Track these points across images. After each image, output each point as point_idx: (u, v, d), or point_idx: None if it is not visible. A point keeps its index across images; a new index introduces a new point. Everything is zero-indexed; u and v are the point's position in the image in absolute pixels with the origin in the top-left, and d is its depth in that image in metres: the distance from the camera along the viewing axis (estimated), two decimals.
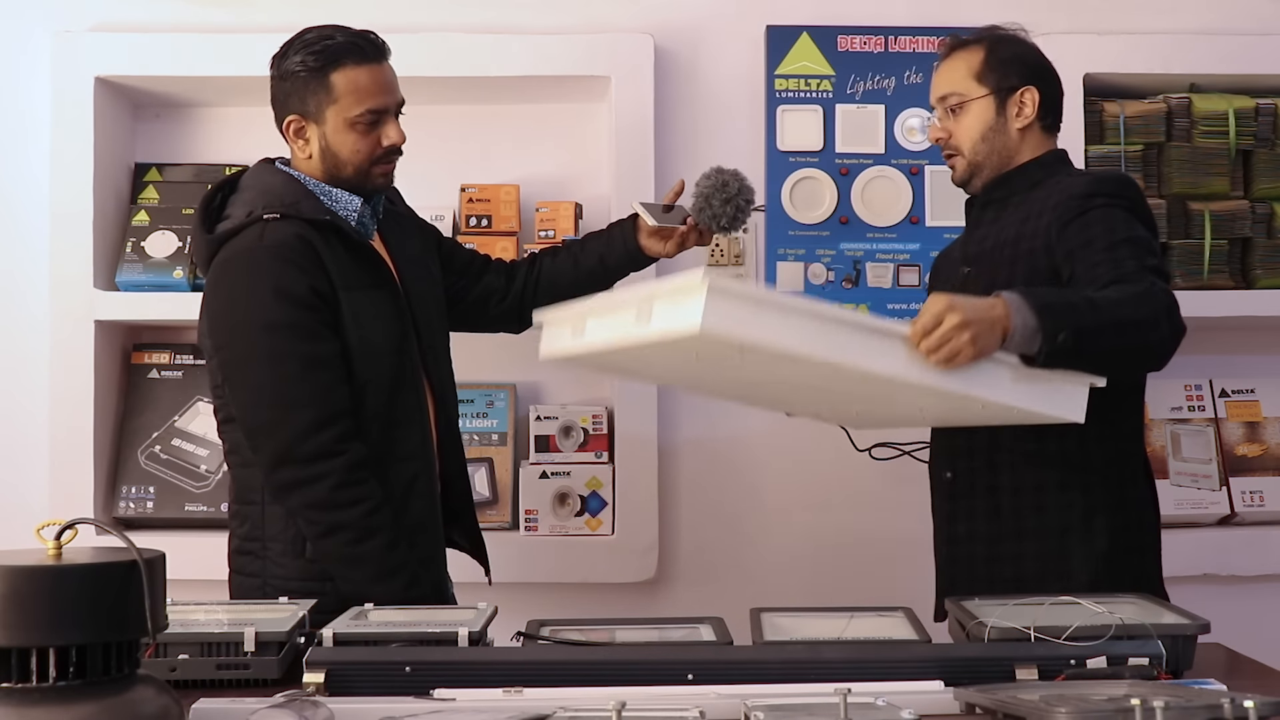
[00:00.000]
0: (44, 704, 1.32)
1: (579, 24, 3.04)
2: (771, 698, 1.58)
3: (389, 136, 2.25)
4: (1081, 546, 2.22)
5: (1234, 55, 3.07)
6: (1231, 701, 1.43)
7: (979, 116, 2.32)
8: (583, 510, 2.98)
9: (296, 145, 2.26)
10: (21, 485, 2.98)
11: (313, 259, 2.15)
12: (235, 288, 2.17)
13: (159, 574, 1.42)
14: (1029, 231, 2.25)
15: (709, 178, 2.43)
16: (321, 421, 2.12)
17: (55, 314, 2.94)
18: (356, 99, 2.21)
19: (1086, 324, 1.94)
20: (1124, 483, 2.27)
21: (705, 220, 2.43)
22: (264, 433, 2.15)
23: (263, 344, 2.14)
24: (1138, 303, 2.01)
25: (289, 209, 2.18)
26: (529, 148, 3.13)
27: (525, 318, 2.54)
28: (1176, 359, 3.13)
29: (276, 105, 2.27)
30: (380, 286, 2.24)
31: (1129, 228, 2.15)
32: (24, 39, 3.03)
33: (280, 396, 2.13)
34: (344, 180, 2.26)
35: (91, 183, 2.94)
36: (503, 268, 2.57)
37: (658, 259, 2.54)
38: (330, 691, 1.68)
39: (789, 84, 3.03)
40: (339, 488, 2.12)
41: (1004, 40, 2.35)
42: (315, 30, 2.25)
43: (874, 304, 3.02)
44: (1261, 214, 3.09)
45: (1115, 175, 2.28)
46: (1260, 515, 3.11)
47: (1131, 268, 2.08)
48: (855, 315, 1.87)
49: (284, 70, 2.24)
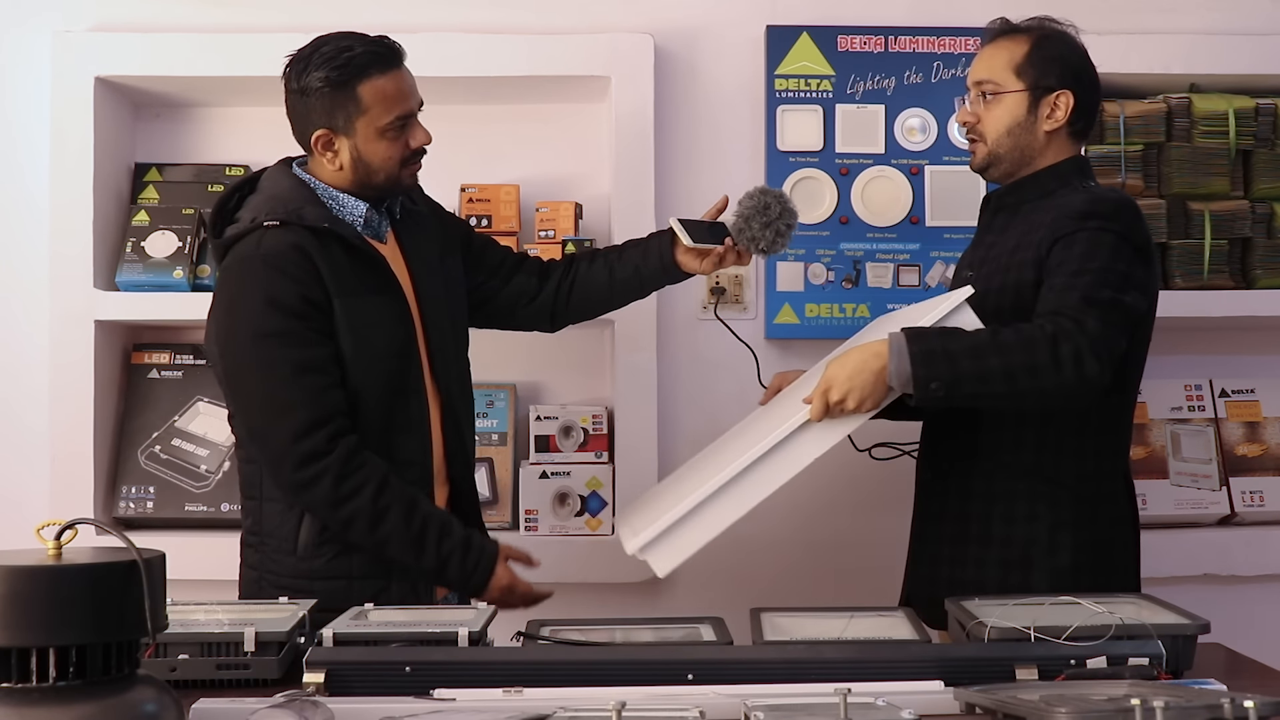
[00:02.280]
0: (44, 704, 1.32)
1: (579, 24, 3.04)
2: (771, 698, 1.58)
3: (417, 138, 2.28)
4: (1044, 559, 2.21)
5: (1234, 55, 3.07)
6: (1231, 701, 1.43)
7: (1010, 110, 2.31)
8: (583, 510, 2.98)
9: (325, 158, 2.26)
10: (21, 485, 2.98)
11: (306, 268, 2.16)
12: (231, 296, 2.20)
13: (159, 574, 1.42)
14: (1026, 244, 2.25)
15: (751, 198, 2.41)
16: (314, 423, 2.13)
17: (55, 314, 2.94)
18: (385, 108, 2.22)
19: (964, 372, 2.03)
20: (1098, 499, 2.26)
21: (744, 242, 2.41)
22: (260, 438, 2.18)
23: (255, 352, 2.15)
24: (1030, 348, 2.04)
25: (290, 215, 2.19)
26: (529, 148, 3.13)
27: (557, 321, 2.57)
28: (1177, 359, 3.18)
29: (298, 120, 2.27)
30: (383, 291, 2.24)
31: (1107, 256, 2.14)
32: (24, 39, 3.03)
33: (272, 402, 2.15)
34: (375, 186, 2.28)
35: (91, 183, 2.94)
36: (536, 268, 2.55)
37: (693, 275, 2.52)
38: (330, 691, 1.68)
39: (789, 84, 3.03)
40: (340, 481, 2.13)
41: (1051, 37, 2.32)
42: (330, 42, 2.24)
43: (874, 304, 3.01)
44: (1261, 214, 3.09)
45: (1114, 198, 2.24)
46: (1260, 515, 3.11)
47: (1073, 301, 2.09)
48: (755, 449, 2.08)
49: (305, 86, 2.23)
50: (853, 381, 2.05)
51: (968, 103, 2.38)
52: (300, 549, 2.19)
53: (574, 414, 3.01)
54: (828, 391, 2.06)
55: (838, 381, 2.06)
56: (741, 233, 2.41)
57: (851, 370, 2.06)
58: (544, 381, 3.13)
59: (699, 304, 3.04)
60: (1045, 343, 2.04)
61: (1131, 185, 3.05)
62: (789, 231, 2.41)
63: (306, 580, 2.18)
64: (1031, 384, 2.05)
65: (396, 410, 2.24)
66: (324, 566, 2.19)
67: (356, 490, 2.13)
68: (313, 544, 2.19)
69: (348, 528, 2.16)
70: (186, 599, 1.96)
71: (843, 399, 2.06)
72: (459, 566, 2.18)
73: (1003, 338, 2.06)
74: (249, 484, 2.27)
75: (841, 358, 2.10)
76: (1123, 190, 2.36)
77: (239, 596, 2.27)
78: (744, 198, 2.42)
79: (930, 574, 2.35)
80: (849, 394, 2.05)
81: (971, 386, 2.04)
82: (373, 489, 2.14)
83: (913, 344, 2.04)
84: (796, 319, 3.03)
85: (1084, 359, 2.03)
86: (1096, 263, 2.13)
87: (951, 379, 2.03)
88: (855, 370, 2.06)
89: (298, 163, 2.33)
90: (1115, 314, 2.09)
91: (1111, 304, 2.09)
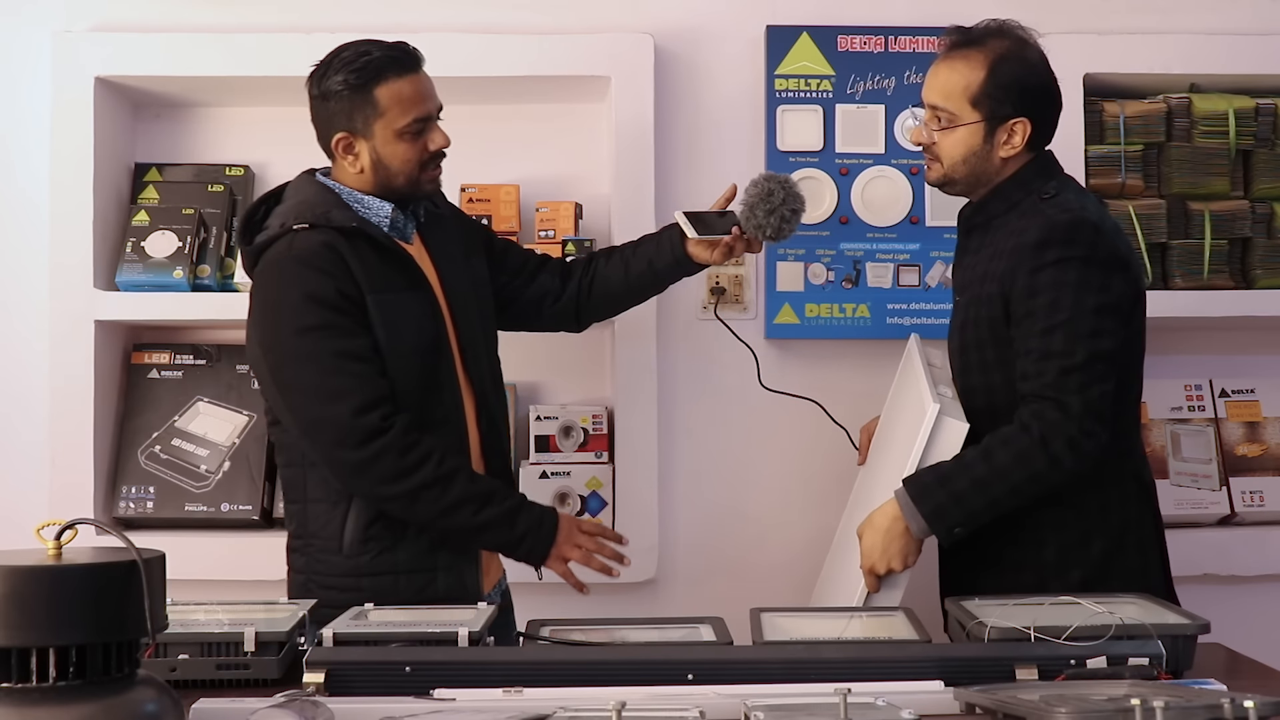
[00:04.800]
0: (44, 704, 1.33)
1: (579, 24, 3.03)
2: (771, 698, 1.58)
3: (435, 141, 2.32)
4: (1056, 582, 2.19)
5: (1234, 55, 3.07)
6: (1231, 701, 1.43)
7: (964, 141, 2.30)
8: (583, 510, 2.98)
9: (346, 161, 2.31)
10: (21, 485, 2.98)
11: (338, 264, 2.21)
12: (268, 298, 2.25)
13: (159, 574, 1.42)
14: (993, 272, 2.26)
15: (756, 185, 2.43)
16: (367, 404, 2.17)
17: (55, 314, 2.93)
18: (402, 110, 2.27)
19: (976, 509, 2.17)
20: (1106, 508, 2.25)
21: (751, 230, 2.44)
22: (316, 427, 2.20)
23: (300, 346, 2.20)
24: (1025, 460, 2.14)
25: (318, 218, 2.24)
26: (529, 148, 3.13)
27: (582, 319, 2.61)
28: (1177, 359, 3.18)
29: (320, 124, 2.32)
30: (413, 288, 2.28)
31: (1072, 299, 2.15)
32: (24, 39, 3.03)
33: (324, 390, 2.18)
34: (395, 189, 2.32)
35: (91, 183, 2.93)
36: (559, 268, 2.60)
37: (707, 266, 2.54)
38: (330, 691, 1.68)
39: (789, 84, 3.03)
40: (403, 453, 2.17)
41: (1008, 58, 2.27)
42: (350, 48, 2.30)
43: (874, 304, 3.02)
44: (1261, 214, 3.09)
45: (1067, 222, 2.20)
46: (1260, 515, 3.11)
47: (1050, 379, 2.14)
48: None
49: (325, 90, 2.28)
50: (889, 550, 2.20)
51: (922, 121, 2.37)
52: (346, 547, 2.23)
53: (574, 414, 3.01)
54: (873, 568, 2.21)
55: (875, 555, 2.21)
56: (748, 220, 2.43)
57: (883, 541, 2.20)
58: (544, 381, 3.13)
59: (699, 304, 3.04)
60: (1037, 449, 2.13)
61: (1131, 185, 3.05)
62: (794, 217, 2.43)
63: (353, 578, 2.22)
64: (1039, 488, 2.17)
65: (431, 404, 2.27)
66: (370, 563, 2.23)
67: (422, 460, 2.18)
68: (358, 540, 2.23)
69: (414, 500, 2.18)
70: (186, 599, 1.96)
71: (888, 568, 2.20)
72: (528, 513, 2.25)
73: (997, 461, 2.16)
74: (292, 487, 2.31)
75: (869, 528, 2.22)
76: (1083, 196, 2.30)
77: None
78: (749, 185, 2.44)
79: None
80: (890, 561, 2.20)
81: (988, 516, 2.18)
82: (437, 456, 2.19)
83: (920, 505, 2.16)
84: (796, 319, 3.03)
85: (1077, 444, 2.13)
86: (1063, 314, 2.15)
87: (967, 517, 2.17)
88: (885, 540, 2.20)
89: (321, 172, 2.38)
90: (1094, 371, 2.14)
91: (1088, 363, 2.13)
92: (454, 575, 2.26)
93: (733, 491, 3.07)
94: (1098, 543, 2.24)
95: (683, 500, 3.05)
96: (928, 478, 2.17)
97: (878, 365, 2.94)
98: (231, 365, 3.07)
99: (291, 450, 2.29)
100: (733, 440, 3.06)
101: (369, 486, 2.20)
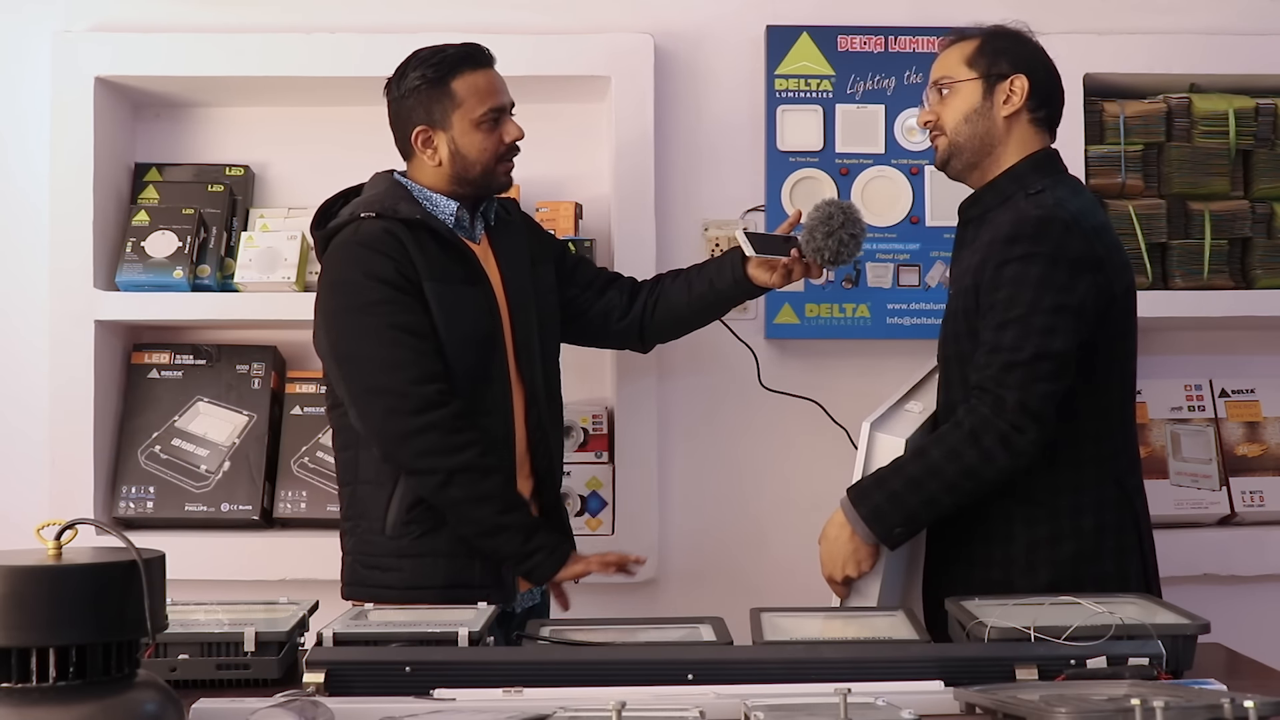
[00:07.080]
0: (44, 704, 1.33)
1: (579, 24, 3.04)
2: (771, 698, 1.59)
3: (510, 133, 2.41)
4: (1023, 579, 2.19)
5: (1234, 55, 3.07)
6: (1231, 701, 1.43)
7: (965, 98, 2.31)
8: (583, 510, 2.98)
9: (425, 154, 2.39)
10: (21, 485, 2.98)
11: (399, 250, 2.29)
12: (332, 279, 2.34)
13: (159, 574, 1.42)
14: (973, 265, 2.27)
15: (817, 209, 2.44)
16: (424, 378, 2.25)
17: (55, 314, 2.94)
18: (479, 100, 2.38)
19: (913, 509, 2.19)
20: (1079, 511, 2.22)
21: (810, 253, 2.44)
22: (372, 394, 2.26)
23: (360, 321, 2.28)
24: (956, 456, 2.15)
25: (385, 210, 2.32)
26: (529, 148, 3.08)
27: (647, 338, 2.65)
28: (1177, 359, 3.18)
29: (399, 123, 2.41)
30: (471, 283, 2.35)
31: (1031, 295, 2.15)
32: (24, 39, 3.03)
33: (385, 360, 2.26)
34: (472, 180, 2.40)
35: (91, 183, 2.93)
36: (628, 286, 2.64)
37: (768, 290, 2.56)
38: (330, 691, 1.68)
39: (789, 84, 3.03)
40: (451, 432, 2.24)
41: (1002, 33, 2.35)
42: (426, 49, 2.41)
43: (874, 304, 3.02)
44: (1261, 214, 3.09)
45: (1038, 218, 2.19)
46: (1260, 515, 3.11)
47: (993, 372, 2.15)
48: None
49: (404, 89, 2.38)
50: (839, 557, 2.24)
51: (927, 104, 2.40)
52: (389, 528, 2.30)
53: (574, 414, 3.01)
54: (830, 576, 2.26)
55: (828, 564, 2.26)
56: (807, 244, 2.44)
57: (833, 550, 2.25)
58: None
59: None
60: (967, 443, 2.15)
61: (1131, 185, 3.05)
62: (854, 241, 2.43)
63: (394, 558, 2.29)
64: (975, 484, 2.17)
65: (481, 395, 2.33)
66: (411, 544, 2.29)
67: (468, 444, 2.24)
68: (400, 522, 2.29)
69: (448, 481, 2.23)
70: (186, 599, 1.96)
71: (845, 574, 2.23)
72: (547, 534, 2.31)
73: (930, 459, 2.17)
74: (345, 470, 2.37)
75: (822, 539, 2.28)
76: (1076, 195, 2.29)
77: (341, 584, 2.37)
78: (811, 209, 2.45)
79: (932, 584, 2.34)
80: (845, 568, 2.23)
81: (927, 514, 2.20)
82: (481, 448, 2.26)
83: (859, 507, 2.20)
84: (796, 319, 3.03)
85: (1009, 439, 2.13)
86: (1018, 309, 2.15)
87: (906, 519, 2.19)
88: (834, 548, 2.25)
89: (399, 173, 2.45)
90: (1038, 369, 2.13)
91: (1033, 361, 2.13)
92: (491, 564, 2.30)
93: (733, 491, 3.07)
94: (1068, 545, 2.21)
95: (683, 500, 3.05)
96: (866, 482, 2.23)
97: (878, 365, 2.94)
98: (231, 365, 3.07)
99: (348, 433, 2.34)
100: (733, 440, 3.06)
101: (410, 457, 2.25)
